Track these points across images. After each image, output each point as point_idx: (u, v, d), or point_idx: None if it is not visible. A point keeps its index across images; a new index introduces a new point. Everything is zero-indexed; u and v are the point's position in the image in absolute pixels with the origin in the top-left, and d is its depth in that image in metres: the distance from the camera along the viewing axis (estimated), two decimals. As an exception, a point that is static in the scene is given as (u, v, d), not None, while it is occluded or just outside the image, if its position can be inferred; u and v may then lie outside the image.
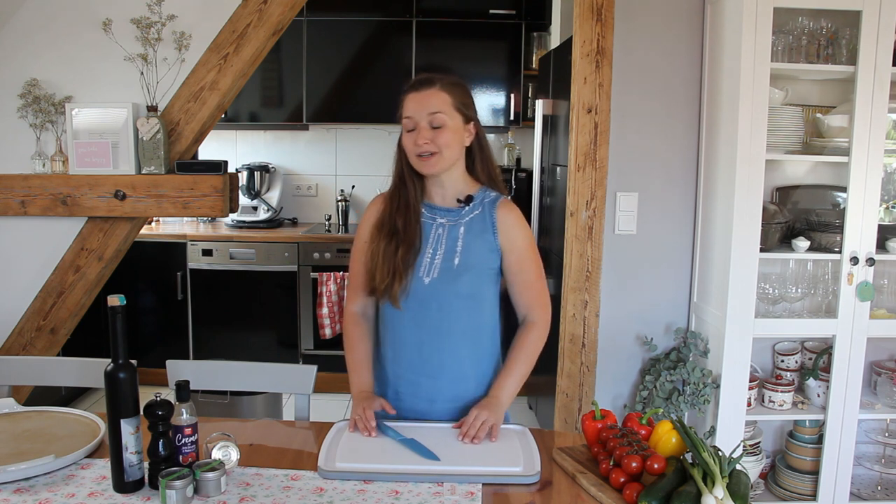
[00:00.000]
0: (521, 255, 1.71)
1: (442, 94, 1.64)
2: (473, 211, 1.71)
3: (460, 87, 1.69)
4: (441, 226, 1.71)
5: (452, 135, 1.65)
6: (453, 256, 1.68)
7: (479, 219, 1.70)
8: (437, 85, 1.65)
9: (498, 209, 1.70)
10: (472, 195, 1.72)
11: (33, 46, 2.59)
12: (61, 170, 2.61)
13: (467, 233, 1.69)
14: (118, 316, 1.34)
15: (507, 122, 4.43)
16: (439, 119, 1.63)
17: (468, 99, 1.69)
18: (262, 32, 2.56)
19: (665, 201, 2.83)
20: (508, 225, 1.70)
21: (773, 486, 2.84)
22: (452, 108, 1.64)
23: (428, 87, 1.64)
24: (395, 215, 1.71)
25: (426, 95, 1.64)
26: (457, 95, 1.66)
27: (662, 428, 1.43)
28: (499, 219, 1.69)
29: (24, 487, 1.36)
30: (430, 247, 1.70)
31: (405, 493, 1.37)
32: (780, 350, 2.82)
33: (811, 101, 2.77)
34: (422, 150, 1.63)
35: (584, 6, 2.64)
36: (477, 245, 1.69)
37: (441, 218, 1.71)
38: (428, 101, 1.63)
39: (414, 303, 1.69)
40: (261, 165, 4.67)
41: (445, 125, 1.63)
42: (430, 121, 1.63)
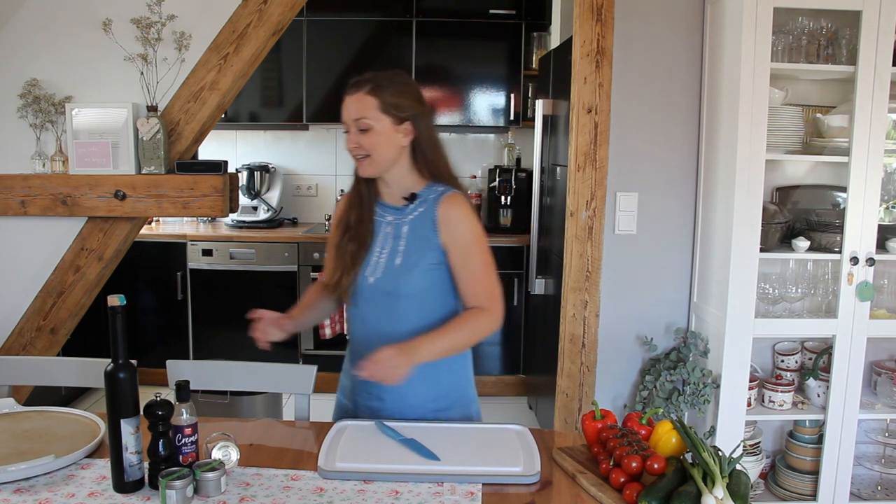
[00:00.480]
0: (463, 249, 1.68)
1: (368, 97, 1.64)
2: (418, 209, 1.71)
3: (395, 86, 1.66)
4: (389, 224, 1.73)
5: (379, 137, 1.64)
6: (395, 256, 1.69)
7: (422, 216, 1.70)
8: (364, 89, 1.64)
9: (440, 205, 1.68)
10: (417, 193, 1.72)
11: (33, 46, 2.59)
12: (61, 170, 2.61)
13: (410, 231, 1.70)
14: (118, 316, 1.34)
15: (507, 122, 4.43)
16: (363, 124, 1.63)
17: (402, 99, 1.66)
18: (262, 32, 2.56)
19: (665, 201, 2.84)
20: (449, 220, 1.68)
21: (773, 486, 2.84)
22: (379, 111, 1.64)
23: (355, 91, 1.65)
24: (350, 211, 1.76)
25: (352, 100, 1.65)
26: (386, 97, 1.64)
27: (662, 428, 1.43)
28: (440, 215, 1.68)
29: (24, 487, 1.36)
30: (379, 245, 1.72)
31: (405, 493, 1.37)
32: (780, 350, 2.82)
33: (811, 101, 2.77)
34: (352, 153, 1.67)
35: (584, 6, 2.64)
36: (418, 243, 1.69)
37: (389, 216, 1.73)
38: (353, 105, 1.64)
39: (361, 301, 1.72)
40: (261, 165, 4.67)
41: (371, 129, 1.64)
42: (356, 125, 1.65)
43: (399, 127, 1.67)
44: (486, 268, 1.70)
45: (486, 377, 4.34)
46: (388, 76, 1.68)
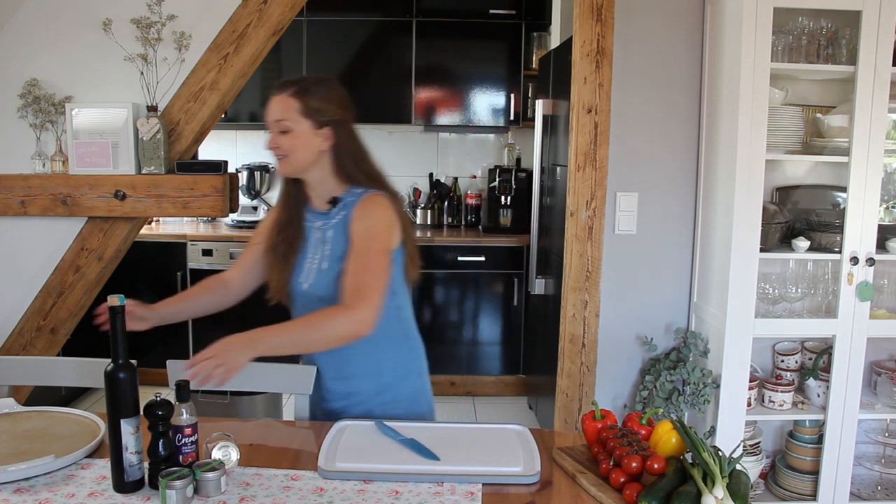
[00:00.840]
0: (354, 245, 1.65)
1: (290, 100, 1.66)
2: (340, 213, 1.72)
3: (319, 91, 1.68)
4: (318, 230, 1.75)
5: (297, 140, 1.66)
6: (323, 261, 1.71)
7: (342, 220, 1.71)
8: (287, 91, 1.67)
9: (356, 206, 1.69)
10: (339, 197, 1.73)
11: (33, 46, 2.59)
12: (61, 170, 2.61)
13: (334, 236, 1.72)
14: (118, 316, 1.34)
15: (507, 122, 4.43)
16: (283, 125, 1.66)
17: (324, 104, 1.68)
18: (262, 32, 2.56)
19: (665, 201, 2.84)
20: (357, 217, 1.67)
21: (773, 486, 2.84)
22: (299, 114, 1.66)
23: (279, 93, 1.67)
24: (281, 211, 1.80)
25: (276, 101, 1.67)
26: (308, 100, 1.66)
27: (662, 428, 1.43)
28: (353, 214, 1.69)
29: (24, 487, 1.36)
30: (311, 251, 1.75)
31: (405, 493, 1.37)
32: (780, 350, 2.82)
33: (811, 101, 2.77)
34: (273, 153, 1.69)
35: (584, 6, 2.64)
36: (339, 246, 1.70)
37: (318, 221, 1.75)
38: (275, 106, 1.67)
39: (300, 306, 1.77)
40: (261, 165, 4.67)
41: (290, 130, 1.66)
42: (276, 127, 1.67)
43: (319, 131, 1.68)
44: (367, 267, 1.61)
45: (486, 377, 4.34)
46: (315, 80, 1.71)
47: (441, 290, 4.24)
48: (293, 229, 1.76)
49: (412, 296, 1.86)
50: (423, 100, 4.39)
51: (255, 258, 1.85)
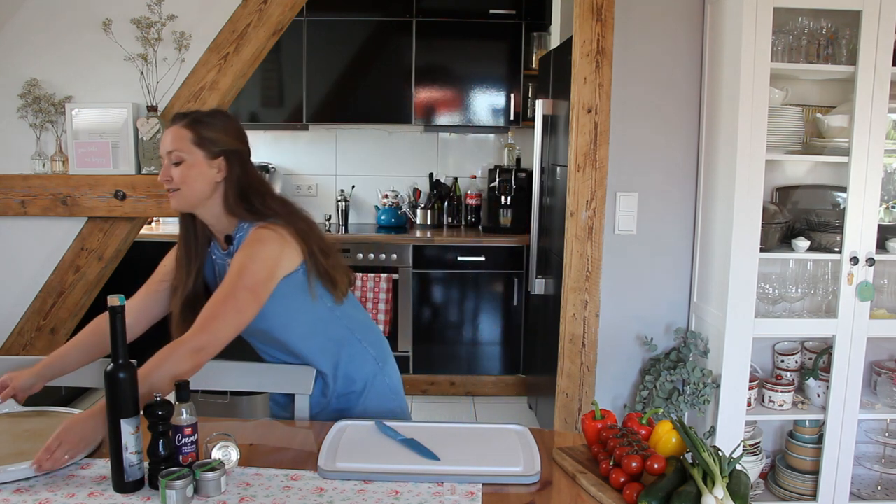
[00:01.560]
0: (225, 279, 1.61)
1: (182, 130, 1.64)
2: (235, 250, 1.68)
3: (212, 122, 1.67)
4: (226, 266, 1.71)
5: (190, 171, 1.63)
6: None
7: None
8: (180, 122, 1.65)
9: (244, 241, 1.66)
10: (232, 235, 1.71)
11: (33, 46, 2.59)
12: (61, 170, 2.61)
13: None
14: (118, 316, 1.34)
15: (507, 122, 4.43)
16: (175, 156, 1.63)
17: (218, 134, 1.66)
18: (262, 32, 2.56)
19: (665, 201, 2.84)
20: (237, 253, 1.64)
21: (773, 486, 2.84)
22: (192, 144, 1.63)
23: (172, 124, 1.66)
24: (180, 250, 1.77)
25: (170, 132, 1.65)
26: (200, 130, 1.64)
27: (662, 428, 1.42)
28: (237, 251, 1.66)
29: (24, 487, 1.36)
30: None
31: (405, 493, 1.37)
32: (780, 350, 2.82)
33: (811, 101, 2.77)
34: (164, 185, 1.66)
35: (584, 6, 2.64)
36: None
37: (221, 260, 1.74)
38: (167, 138, 1.65)
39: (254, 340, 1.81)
40: (261, 165, 4.67)
41: (183, 161, 1.63)
42: (169, 158, 1.64)
43: (212, 162, 1.65)
44: (225, 301, 1.57)
45: (486, 377, 4.34)
46: (208, 112, 1.70)
47: (441, 290, 4.25)
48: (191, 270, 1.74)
49: (413, 296, 1.87)
50: (423, 100, 4.40)
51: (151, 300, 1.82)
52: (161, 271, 1.84)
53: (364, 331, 1.87)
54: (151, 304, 1.83)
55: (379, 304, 4.10)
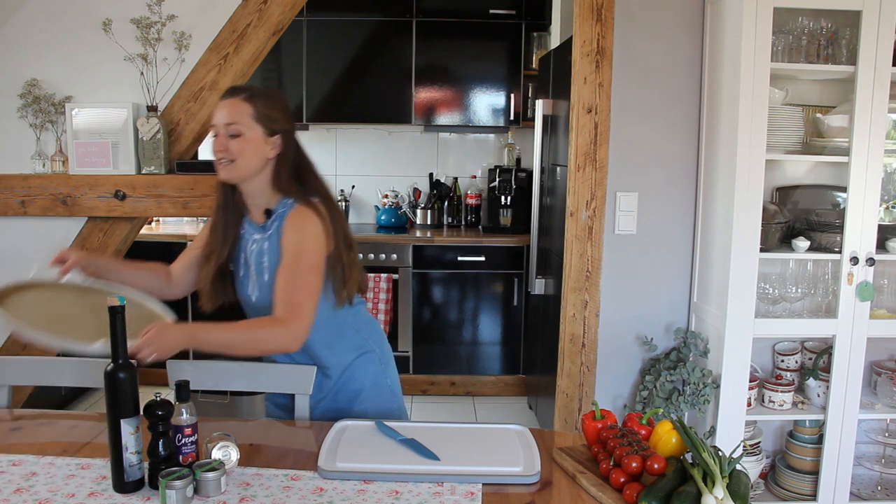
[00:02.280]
0: (285, 259, 1.66)
1: (243, 104, 1.67)
2: (274, 223, 1.73)
3: (270, 99, 1.71)
4: (255, 242, 1.76)
5: (247, 145, 1.66)
6: (264, 273, 1.73)
7: (276, 231, 1.72)
8: (240, 95, 1.68)
9: (287, 217, 1.70)
10: (273, 209, 1.74)
11: (33, 46, 2.59)
12: (61, 170, 2.61)
13: (270, 247, 1.73)
14: (118, 316, 1.34)
15: (507, 122, 4.44)
16: (234, 129, 1.66)
17: (275, 112, 1.70)
18: (262, 32, 2.56)
19: (665, 201, 2.84)
20: (287, 230, 1.68)
21: (773, 486, 2.84)
22: (252, 120, 1.67)
23: (232, 97, 1.68)
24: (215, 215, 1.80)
25: (228, 104, 1.68)
26: (260, 107, 1.68)
27: (662, 428, 1.43)
28: (284, 225, 1.70)
29: (24, 487, 1.36)
30: (254, 263, 1.75)
31: (405, 493, 1.37)
32: (780, 350, 2.82)
33: (811, 101, 2.77)
34: (217, 156, 1.68)
35: (584, 6, 2.64)
36: (276, 258, 1.70)
37: (256, 234, 1.76)
38: (228, 110, 1.67)
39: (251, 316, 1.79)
40: (261, 165, 4.66)
41: (242, 135, 1.66)
42: (227, 130, 1.66)
43: (269, 139, 1.69)
44: (298, 284, 1.63)
45: (486, 377, 4.34)
46: (267, 91, 1.74)
47: (441, 290, 4.25)
48: (228, 239, 1.77)
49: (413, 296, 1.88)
50: (423, 100, 4.40)
51: (193, 261, 1.85)
52: (197, 239, 1.89)
53: (370, 330, 1.87)
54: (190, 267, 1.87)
55: (379, 304, 4.10)
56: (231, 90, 1.71)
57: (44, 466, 1.45)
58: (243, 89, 1.70)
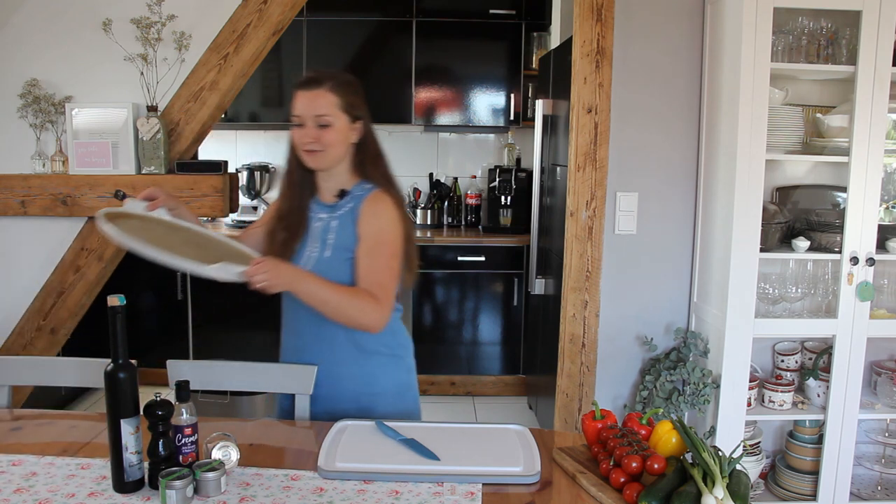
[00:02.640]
0: (370, 244, 1.70)
1: (329, 95, 1.69)
2: (347, 205, 1.76)
3: (349, 86, 1.73)
4: (320, 220, 1.78)
5: (337, 134, 1.70)
6: (325, 249, 1.74)
7: (350, 211, 1.75)
8: (325, 86, 1.69)
9: (365, 200, 1.74)
10: (348, 190, 1.77)
11: (33, 46, 2.59)
12: (61, 170, 2.61)
13: (339, 226, 1.74)
14: (118, 316, 1.34)
15: (507, 122, 4.43)
16: (325, 120, 1.68)
17: (356, 98, 1.73)
18: (262, 32, 2.56)
19: (665, 201, 2.83)
20: (368, 214, 1.72)
21: (773, 486, 2.84)
22: (338, 109, 1.70)
23: (316, 87, 1.69)
24: (283, 202, 1.82)
25: (314, 96, 1.69)
26: (344, 95, 1.71)
27: (662, 428, 1.42)
28: (362, 209, 1.73)
29: (24, 487, 1.36)
30: (311, 241, 1.77)
31: (405, 493, 1.37)
32: (780, 350, 2.82)
33: (811, 101, 2.77)
34: (308, 146, 1.70)
35: (584, 6, 2.64)
36: (345, 236, 1.73)
37: (322, 213, 1.78)
38: (315, 101, 1.69)
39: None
40: (261, 165, 4.67)
41: (331, 125, 1.69)
42: (316, 121, 1.68)
43: (353, 125, 1.73)
44: (382, 268, 1.69)
45: (486, 377, 4.34)
46: (346, 78, 1.74)
47: (441, 290, 4.24)
48: (296, 219, 1.78)
49: (413, 296, 1.88)
50: (423, 100, 4.40)
51: (258, 239, 1.87)
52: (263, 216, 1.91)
53: (403, 335, 1.88)
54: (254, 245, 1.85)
55: (379, 304, 4.10)
56: (313, 80, 1.70)
57: (44, 466, 1.45)
58: (325, 78, 1.70)
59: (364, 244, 1.70)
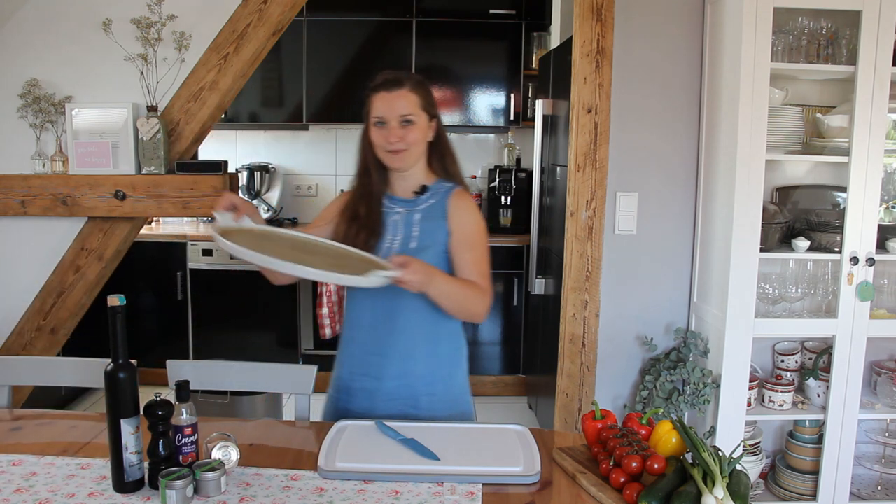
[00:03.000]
0: (467, 238, 1.77)
1: (411, 94, 1.73)
2: (429, 200, 1.80)
3: (425, 85, 1.78)
4: (398, 214, 1.80)
5: (419, 132, 1.75)
6: (409, 241, 1.76)
7: (434, 206, 1.78)
8: (406, 86, 1.73)
9: (451, 197, 1.79)
10: (428, 185, 1.81)
11: (34, 46, 2.59)
12: (61, 170, 2.61)
13: (423, 219, 1.78)
14: (118, 316, 1.34)
15: (507, 122, 4.43)
16: (409, 119, 1.72)
17: (432, 97, 1.79)
18: (262, 32, 2.56)
19: (665, 201, 2.84)
20: (458, 209, 1.78)
21: (773, 486, 2.84)
22: (419, 108, 1.74)
23: (399, 88, 1.73)
24: (359, 202, 1.81)
25: (397, 96, 1.72)
26: (423, 95, 1.75)
27: (662, 428, 1.43)
28: (451, 204, 1.78)
29: (24, 487, 1.36)
30: (390, 234, 1.78)
31: (405, 493, 1.37)
32: (780, 350, 2.82)
33: (811, 101, 2.77)
34: (393, 146, 1.72)
35: (584, 6, 2.64)
36: (431, 229, 1.76)
37: (399, 207, 1.80)
38: (398, 102, 1.72)
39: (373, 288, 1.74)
40: (261, 165, 4.67)
41: (415, 124, 1.73)
42: (400, 120, 1.72)
43: (430, 124, 1.78)
44: (484, 261, 1.78)
45: (486, 377, 4.34)
46: (416, 76, 1.79)
47: (441, 290, 4.24)
48: (374, 218, 1.79)
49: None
50: (423, 100, 4.39)
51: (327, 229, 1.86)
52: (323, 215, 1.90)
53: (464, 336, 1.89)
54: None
55: (379, 304, 4.10)
56: (394, 81, 1.73)
57: (44, 466, 1.45)
58: (406, 79, 1.74)
59: (461, 238, 1.76)
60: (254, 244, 1.55)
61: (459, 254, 1.76)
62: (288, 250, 1.65)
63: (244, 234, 1.64)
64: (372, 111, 1.75)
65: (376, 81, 1.76)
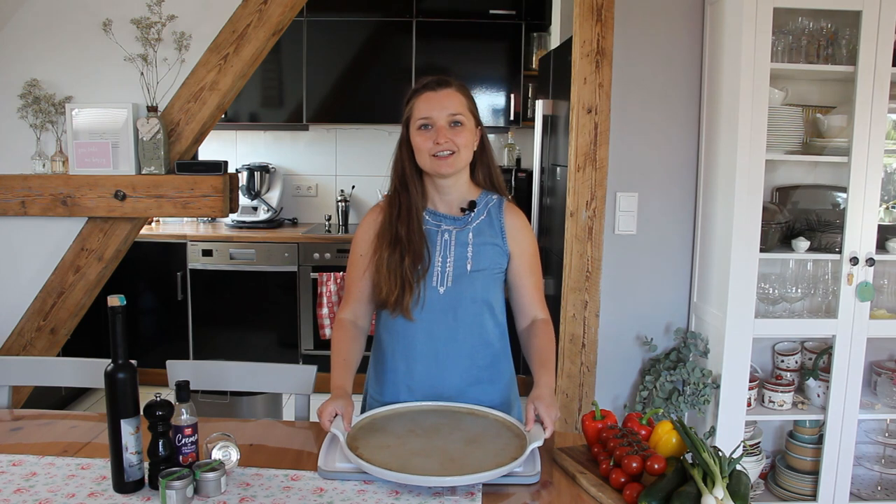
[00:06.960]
0: (530, 259, 1.74)
1: (459, 95, 1.65)
2: (479, 216, 1.71)
3: (468, 90, 1.71)
4: (447, 232, 1.68)
5: (469, 135, 1.65)
6: (465, 262, 1.66)
7: (487, 223, 1.70)
8: (453, 86, 1.66)
9: (505, 213, 1.72)
10: (475, 200, 1.72)
11: (34, 47, 2.59)
12: (61, 170, 2.61)
13: (476, 237, 1.68)
14: (118, 316, 1.34)
15: (507, 122, 4.44)
16: (459, 118, 1.63)
17: (475, 103, 1.71)
18: (262, 32, 2.56)
19: (665, 201, 2.84)
20: (517, 229, 1.72)
21: (773, 486, 2.84)
22: (467, 110, 1.66)
23: (445, 88, 1.64)
24: (397, 223, 1.66)
25: (445, 95, 1.63)
26: (469, 98, 1.68)
27: (662, 428, 1.43)
28: (507, 223, 1.71)
29: (24, 487, 1.36)
30: (439, 255, 1.66)
31: (405, 493, 1.37)
32: (780, 350, 2.82)
33: (811, 101, 2.77)
34: (442, 148, 1.61)
35: (584, 6, 2.64)
36: (487, 248, 1.68)
37: (447, 225, 1.70)
38: (447, 101, 1.63)
39: (429, 314, 1.66)
40: (261, 165, 4.67)
41: (464, 125, 1.64)
42: (449, 120, 1.62)
43: (475, 130, 1.69)
44: (542, 281, 1.77)
45: (486, 377, 4.33)
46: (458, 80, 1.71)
47: (441, 291, 4.24)
48: (416, 238, 1.64)
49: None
50: (423, 100, 4.39)
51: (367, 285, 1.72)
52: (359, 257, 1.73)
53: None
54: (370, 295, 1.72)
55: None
56: (441, 81, 1.65)
57: (44, 466, 1.45)
58: (451, 80, 1.66)
59: (523, 261, 1.72)
60: (390, 457, 1.42)
61: (523, 277, 1.72)
62: (421, 442, 1.49)
63: (376, 448, 1.46)
64: (415, 114, 1.64)
65: (418, 84, 1.67)
